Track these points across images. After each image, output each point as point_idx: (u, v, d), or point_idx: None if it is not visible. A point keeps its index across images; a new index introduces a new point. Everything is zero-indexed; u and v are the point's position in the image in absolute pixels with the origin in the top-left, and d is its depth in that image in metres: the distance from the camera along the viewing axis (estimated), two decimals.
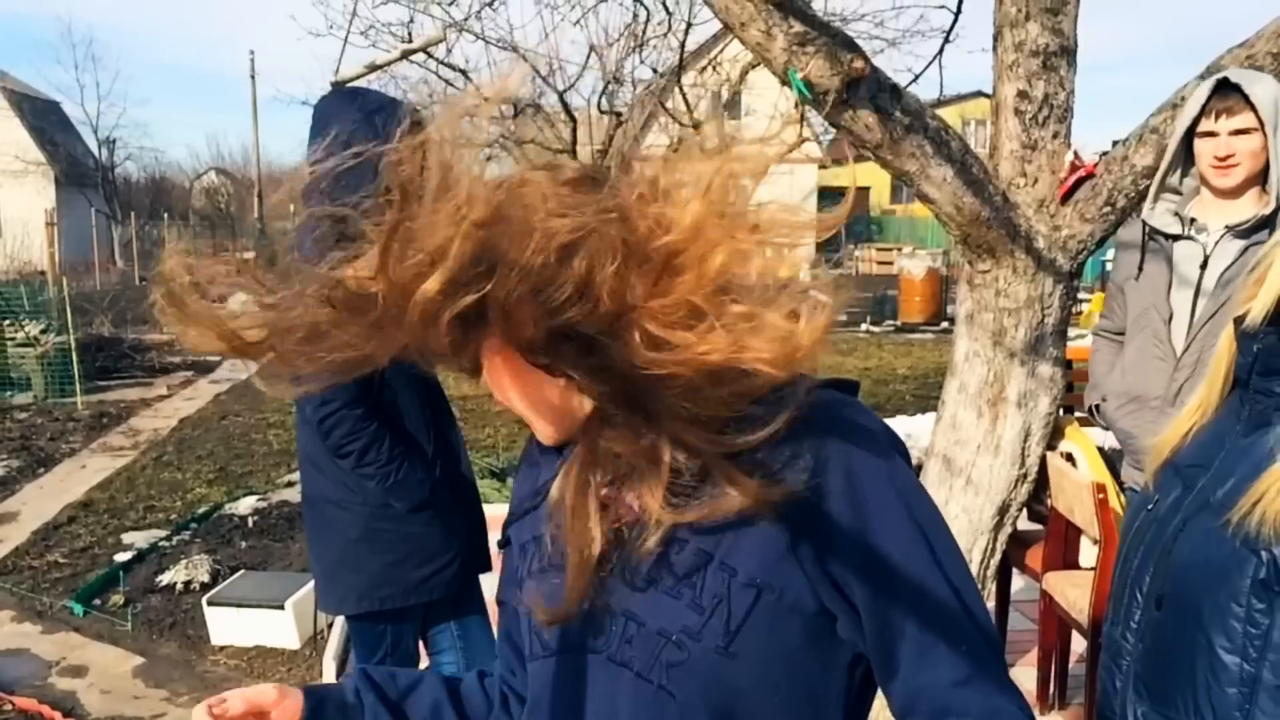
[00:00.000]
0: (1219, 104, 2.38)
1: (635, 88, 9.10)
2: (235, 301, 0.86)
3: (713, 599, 0.89)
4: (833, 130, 2.66)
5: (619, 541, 0.93)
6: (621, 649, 0.93)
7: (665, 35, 7.93)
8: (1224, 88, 2.38)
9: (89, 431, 8.64)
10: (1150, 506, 1.14)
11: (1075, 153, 2.76)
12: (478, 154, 0.84)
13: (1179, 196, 2.55)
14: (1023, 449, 2.91)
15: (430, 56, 7.63)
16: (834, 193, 33.38)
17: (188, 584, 4.90)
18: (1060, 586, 3.10)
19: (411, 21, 7.34)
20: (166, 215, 30.27)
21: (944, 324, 15.07)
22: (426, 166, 0.80)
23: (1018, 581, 3.70)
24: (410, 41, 6.67)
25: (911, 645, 0.90)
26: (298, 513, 5.83)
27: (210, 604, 4.38)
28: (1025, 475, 2.95)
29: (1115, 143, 2.91)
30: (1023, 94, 2.74)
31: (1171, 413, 1.83)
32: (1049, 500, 3.17)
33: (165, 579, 4.97)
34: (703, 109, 8.54)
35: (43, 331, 10.35)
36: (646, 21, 7.86)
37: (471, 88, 0.96)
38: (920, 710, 0.91)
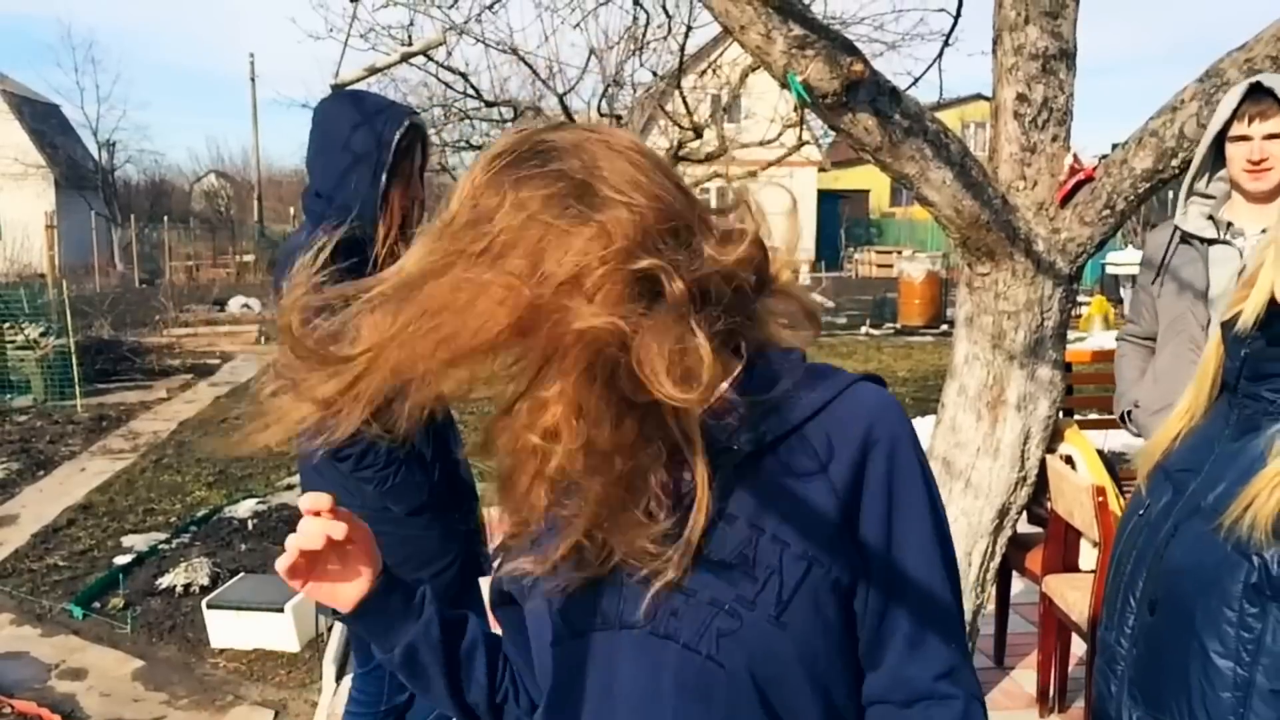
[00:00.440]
0: (1252, 108, 2.37)
1: (635, 91, 9.12)
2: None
3: (766, 570, 0.92)
4: (832, 133, 2.67)
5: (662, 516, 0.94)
6: (666, 622, 0.94)
7: (665, 38, 7.94)
8: (1256, 92, 2.37)
9: (88, 434, 8.64)
10: (1141, 511, 1.14)
11: (1075, 156, 2.76)
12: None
13: (1211, 200, 2.53)
14: (1022, 452, 2.91)
15: (430, 59, 7.64)
16: (833, 195, 33.44)
17: (187, 587, 4.90)
18: (1060, 589, 3.10)
19: (411, 24, 7.36)
20: (166, 218, 30.20)
21: (943, 327, 15.08)
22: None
23: (1017, 584, 3.70)
24: (410, 44, 6.67)
25: (906, 637, 0.96)
26: (297, 516, 5.78)
27: (210, 607, 4.37)
28: (1025, 478, 2.95)
29: (1114, 146, 2.91)
30: (1022, 97, 2.74)
31: None
32: (1049, 503, 3.17)
33: (165, 582, 4.97)
34: (702, 112, 8.55)
35: (42, 334, 10.34)
36: (646, 24, 7.87)
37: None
38: (896, 697, 0.97)
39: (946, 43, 4.35)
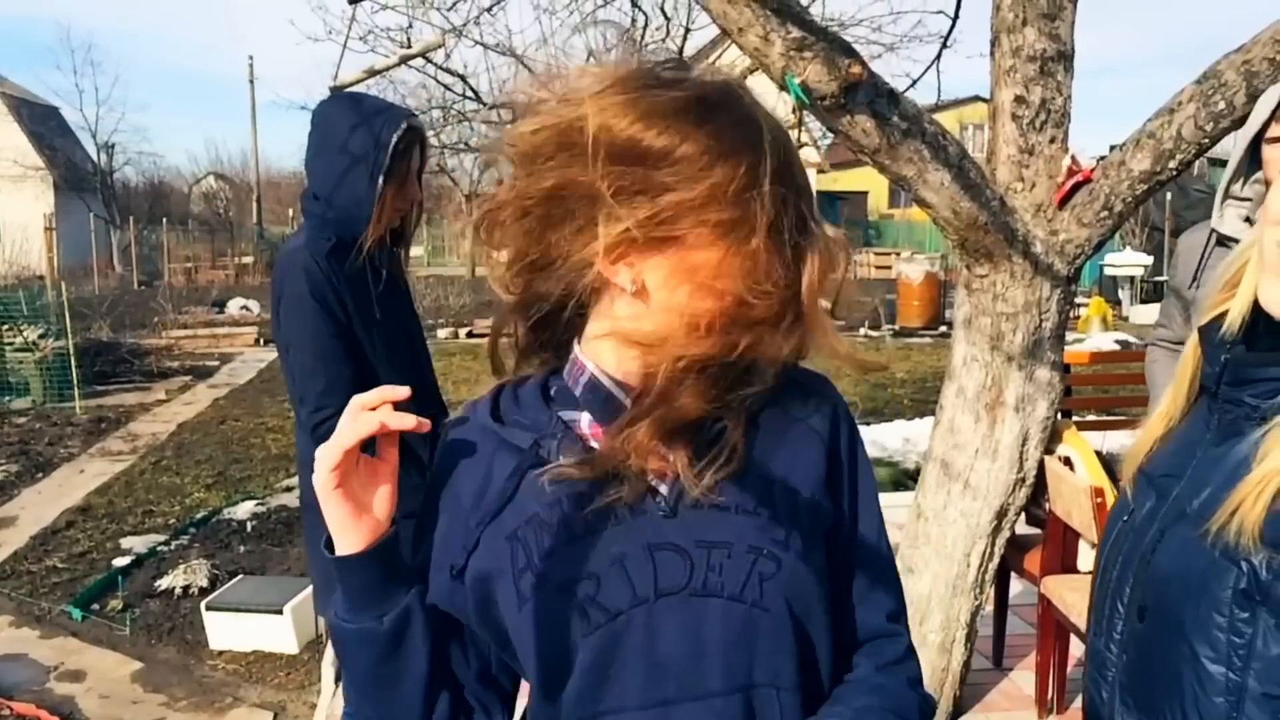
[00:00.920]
0: None
1: None
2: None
3: (788, 513, 1.00)
4: (830, 135, 2.67)
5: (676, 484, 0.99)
6: (708, 578, 0.96)
7: (663, 40, 7.94)
8: None
9: (87, 436, 8.63)
10: (1126, 516, 1.13)
11: (1073, 157, 2.76)
12: None
13: (1247, 203, 2.52)
14: (1021, 453, 2.91)
15: (429, 62, 7.66)
16: (832, 197, 33.48)
17: (186, 589, 4.90)
18: (1058, 590, 3.10)
19: (410, 27, 7.35)
20: (165, 220, 30.17)
21: (942, 328, 15.07)
22: None
23: (1016, 585, 3.70)
24: (409, 47, 6.68)
25: (860, 582, 1.08)
26: (296, 517, 5.83)
27: (209, 609, 4.37)
28: (1023, 479, 2.96)
29: (1112, 147, 2.91)
30: (1020, 99, 2.75)
31: None
32: (1047, 504, 3.17)
33: (164, 584, 4.96)
34: None
35: (41, 336, 10.33)
36: (645, 27, 7.87)
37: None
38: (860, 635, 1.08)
39: (944, 45, 4.37)
